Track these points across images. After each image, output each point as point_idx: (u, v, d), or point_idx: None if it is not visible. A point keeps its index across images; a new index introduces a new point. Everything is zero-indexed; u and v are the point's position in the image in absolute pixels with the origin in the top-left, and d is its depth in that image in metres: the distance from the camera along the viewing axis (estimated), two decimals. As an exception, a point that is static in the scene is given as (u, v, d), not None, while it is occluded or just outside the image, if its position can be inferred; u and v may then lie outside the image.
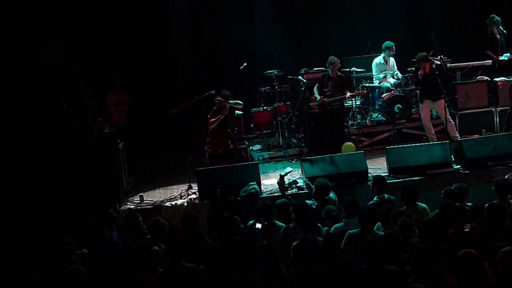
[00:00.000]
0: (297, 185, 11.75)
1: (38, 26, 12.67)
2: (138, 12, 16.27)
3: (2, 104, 12.22)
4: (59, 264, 8.08)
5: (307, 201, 9.97)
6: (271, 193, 11.70)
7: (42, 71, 12.88)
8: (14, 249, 8.20)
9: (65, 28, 14.26)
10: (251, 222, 9.66)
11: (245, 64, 13.58)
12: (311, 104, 13.78)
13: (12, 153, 11.98)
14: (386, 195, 10.01)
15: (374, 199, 9.92)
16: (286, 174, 11.58)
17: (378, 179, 10.26)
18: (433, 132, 13.64)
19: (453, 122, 13.62)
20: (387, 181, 10.59)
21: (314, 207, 9.99)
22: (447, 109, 13.45)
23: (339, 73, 13.71)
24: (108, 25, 15.90)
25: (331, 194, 10.33)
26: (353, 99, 14.48)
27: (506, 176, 9.58)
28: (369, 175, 11.87)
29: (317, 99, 13.59)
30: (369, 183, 10.53)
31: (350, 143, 13.41)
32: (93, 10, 15.53)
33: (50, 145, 12.08)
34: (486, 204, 8.80)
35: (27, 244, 8.90)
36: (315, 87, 13.77)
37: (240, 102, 12.81)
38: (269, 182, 12.15)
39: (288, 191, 11.45)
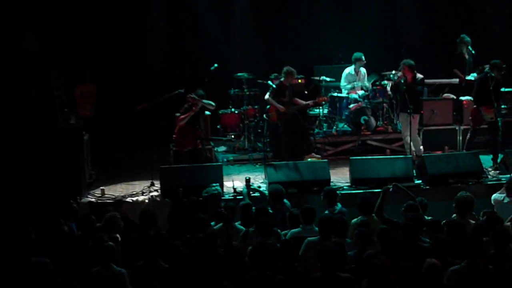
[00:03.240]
0: (260, 190, 11.66)
1: (12, 12, 12.52)
2: (115, 6, 16.10)
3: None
4: (20, 254, 7.95)
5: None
6: (233, 195, 11.65)
7: (16, 58, 12.74)
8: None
9: (39, 16, 14.09)
10: (212, 223, 9.58)
11: (215, 65, 13.50)
12: (269, 114, 13.73)
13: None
14: (337, 207, 10.00)
15: (325, 212, 9.85)
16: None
17: (328, 191, 10.25)
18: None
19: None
20: (351, 191, 10.60)
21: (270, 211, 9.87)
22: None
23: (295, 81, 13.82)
24: (84, 16, 15.69)
25: (285, 200, 10.33)
26: (320, 107, 14.51)
27: (459, 194, 9.57)
28: (331, 184, 11.86)
29: (279, 107, 13.48)
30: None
31: (314, 156, 13.33)
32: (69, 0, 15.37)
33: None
34: (445, 220, 8.90)
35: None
36: (269, 96, 13.63)
37: (213, 104, 12.74)
38: (231, 184, 12.05)
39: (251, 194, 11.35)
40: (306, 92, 14.64)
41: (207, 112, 13.37)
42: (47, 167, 11.66)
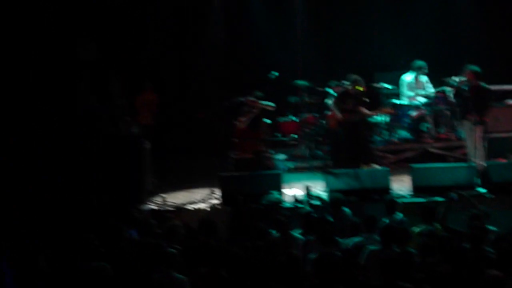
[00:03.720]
0: (320, 197, 11.61)
1: (71, 21, 12.70)
2: (175, 14, 16.27)
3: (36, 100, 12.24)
4: (80, 260, 8.03)
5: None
6: (292, 204, 11.61)
7: (75, 67, 12.92)
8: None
9: (99, 24, 14.29)
10: (272, 231, 9.50)
11: (275, 72, 13.50)
12: (329, 120, 13.59)
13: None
14: (397, 216, 9.89)
15: (385, 220, 9.73)
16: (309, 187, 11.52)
17: (389, 199, 10.17)
18: None
19: None
20: (411, 201, 10.44)
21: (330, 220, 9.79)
22: None
23: (358, 90, 13.44)
24: (144, 24, 15.91)
25: (344, 208, 10.26)
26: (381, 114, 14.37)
27: None
28: (391, 192, 11.76)
29: (338, 115, 13.30)
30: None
31: (374, 167, 13.22)
32: (129, 8, 15.54)
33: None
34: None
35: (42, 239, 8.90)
36: (331, 101, 13.46)
37: (272, 104, 12.69)
38: (291, 192, 12.02)
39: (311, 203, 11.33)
40: (367, 99, 14.47)
41: (266, 120, 13.34)
42: (109, 174, 11.81)
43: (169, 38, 16.23)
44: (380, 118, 14.53)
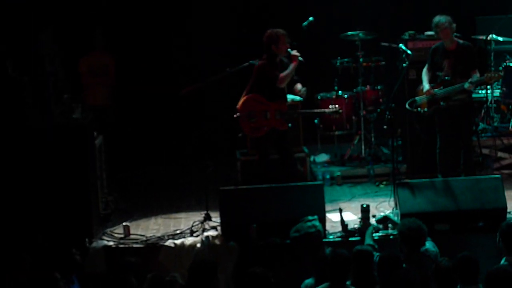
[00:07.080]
0: (387, 225, 11.60)
1: None
2: None
3: None
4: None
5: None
6: (341, 236, 11.55)
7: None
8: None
9: None
10: (308, 281, 9.50)
11: (310, 18, 13.38)
12: (417, 99, 13.46)
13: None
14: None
15: (502, 261, 9.61)
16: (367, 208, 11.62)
17: (507, 228, 9.89)
18: None
19: None
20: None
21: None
22: None
23: (461, 42, 13.23)
24: None
25: (427, 244, 10.16)
26: (485, 87, 14.31)
27: None
28: (508, 215, 11.72)
29: (424, 90, 13.22)
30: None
31: None
32: None
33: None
34: None
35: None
36: (424, 70, 13.33)
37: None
38: (338, 218, 11.89)
39: (374, 235, 11.23)
40: None
41: (295, 97, 13.30)
42: (34, 188, 11.79)
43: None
44: (485, 91, 14.54)
